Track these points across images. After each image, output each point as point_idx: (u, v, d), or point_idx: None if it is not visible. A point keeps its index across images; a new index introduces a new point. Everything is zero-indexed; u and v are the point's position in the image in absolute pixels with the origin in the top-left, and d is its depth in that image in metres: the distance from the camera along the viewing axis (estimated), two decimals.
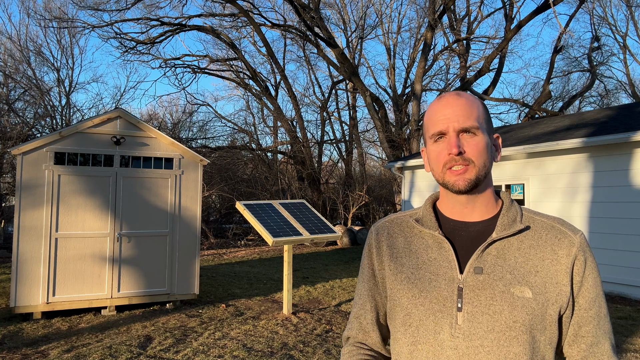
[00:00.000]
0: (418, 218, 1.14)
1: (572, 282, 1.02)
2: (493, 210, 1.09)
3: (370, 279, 1.18)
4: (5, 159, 15.88)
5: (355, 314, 1.22)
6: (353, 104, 22.94)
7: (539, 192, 8.62)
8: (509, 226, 1.05)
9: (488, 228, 1.07)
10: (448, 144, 1.03)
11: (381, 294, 1.17)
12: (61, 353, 4.62)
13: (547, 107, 21.31)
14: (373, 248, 1.18)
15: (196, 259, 6.87)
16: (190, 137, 22.94)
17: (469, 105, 1.05)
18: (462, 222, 1.09)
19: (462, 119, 1.03)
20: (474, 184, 1.03)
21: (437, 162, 1.06)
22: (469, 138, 1.03)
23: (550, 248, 1.03)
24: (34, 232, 5.95)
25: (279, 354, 4.65)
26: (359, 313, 1.20)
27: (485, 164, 1.04)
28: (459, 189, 1.03)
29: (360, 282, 1.22)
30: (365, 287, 1.20)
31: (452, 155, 1.02)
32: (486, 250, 1.03)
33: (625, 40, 23.65)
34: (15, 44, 19.42)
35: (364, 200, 17.70)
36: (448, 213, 1.11)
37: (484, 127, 1.06)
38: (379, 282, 1.17)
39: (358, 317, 1.20)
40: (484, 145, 1.04)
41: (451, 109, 1.04)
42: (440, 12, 15.21)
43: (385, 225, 1.20)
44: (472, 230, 1.07)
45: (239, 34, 21.72)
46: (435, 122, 1.06)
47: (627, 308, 6.55)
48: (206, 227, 15.97)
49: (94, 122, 6.37)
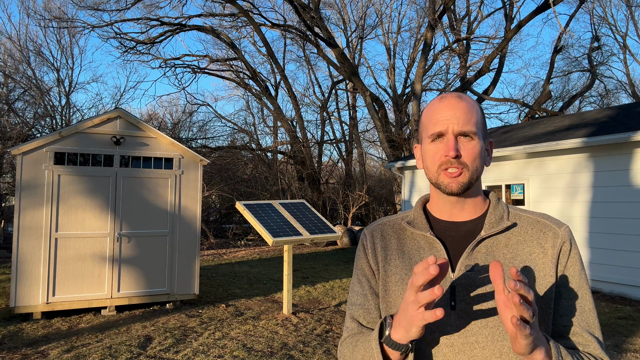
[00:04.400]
0: (409, 220, 1.17)
1: (557, 274, 1.04)
2: (481, 210, 1.12)
3: (365, 281, 1.17)
4: (5, 159, 15.88)
5: (352, 314, 1.16)
6: (353, 104, 22.95)
7: (539, 192, 8.61)
8: (496, 224, 1.08)
9: (477, 227, 1.10)
10: (446, 145, 1.05)
11: (377, 294, 1.17)
12: (61, 353, 4.62)
13: (547, 107, 21.31)
14: (368, 249, 1.19)
15: (196, 259, 6.87)
16: (190, 137, 22.94)
17: (469, 109, 1.07)
18: (451, 222, 1.12)
19: (462, 122, 1.05)
20: (466, 187, 1.06)
21: (433, 162, 1.08)
22: (466, 142, 1.05)
23: (536, 242, 1.06)
24: (34, 232, 5.95)
25: (279, 354, 4.65)
26: (357, 314, 1.15)
27: (478, 168, 1.07)
28: (452, 191, 1.06)
29: (357, 282, 1.19)
30: (365, 285, 1.17)
31: (448, 157, 1.04)
32: (476, 248, 1.06)
33: (625, 40, 23.67)
34: (15, 44, 19.43)
35: (364, 200, 17.70)
36: (438, 214, 1.14)
37: (481, 133, 1.08)
38: (376, 281, 1.17)
39: (356, 318, 1.15)
40: (479, 150, 1.06)
41: (452, 111, 1.06)
42: (440, 12, 15.21)
43: (378, 227, 1.21)
44: (461, 230, 1.10)
45: (239, 34, 21.73)
46: (436, 122, 1.07)
47: (627, 308, 6.55)
48: (206, 227, 15.96)
49: (94, 122, 6.37)
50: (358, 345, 1.05)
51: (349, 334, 1.14)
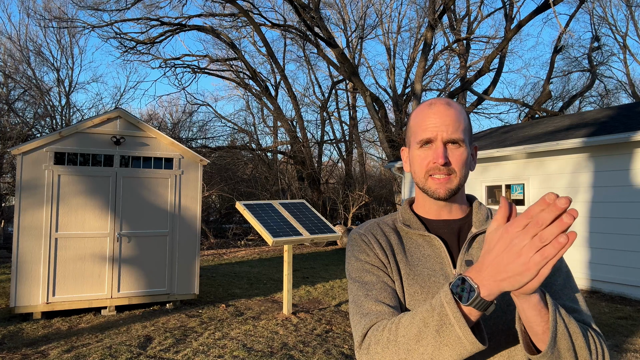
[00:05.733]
0: (402, 220, 1.19)
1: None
2: (465, 210, 1.18)
3: (384, 269, 1.09)
4: (5, 159, 15.87)
5: (362, 311, 1.03)
6: (353, 104, 22.95)
7: (539, 192, 8.61)
8: (484, 222, 1.14)
9: (466, 224, 1.15)
10: (435, 152, 1.08)
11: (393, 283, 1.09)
12: (61, 353, 4.62)
13: (547, 107, 21.30)
14: (374, 244, 1.12)
15: (196, 259, 6.87)
16: (190, 137, 22.93)
17: (457, 116, 1.10)
18: (442, 220, 1.16)
19: (450, 129, 1.07)
20: (454, 192, 1.09)
21: (421, 167, 1.11)
22: (455, 149, 1.08)
23: None
24: (34, 232, 5.95)
25: (279, 354, 4.65)
26: (371, 309, 1.02)
27: (465, 174, 1.11)
28: (439, 197, 1.09)
29: (368, 273, 1.09)
30: (381, 274, 1.08)
31: (437, 164, 1.07)
32: (471, 244, 1.11)
33: (625, 40, 23.67)
34: (15, 44, 19.43)
35: (364, 200, 17.70)
36: (425, 214, 1.18)
37: (467, 139, 1.11)
38: (388, 274, 1.10)
39: (369, 314, 1.01)
40: (466, 157, 1.10)
41: (441, 118, 1.08)
42: (440, 12, 15.21)
43: (368, 229, 1.18)
44: (453, 227, 1.15)
45: (239, 34, 21.72)
46: (425, 128, 1.09)
47: (627, 308, 6.55)
48: (206, 227, 15.96)
49: (94, 122, 6.37)
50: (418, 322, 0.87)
51: (381, 319, 0.98)
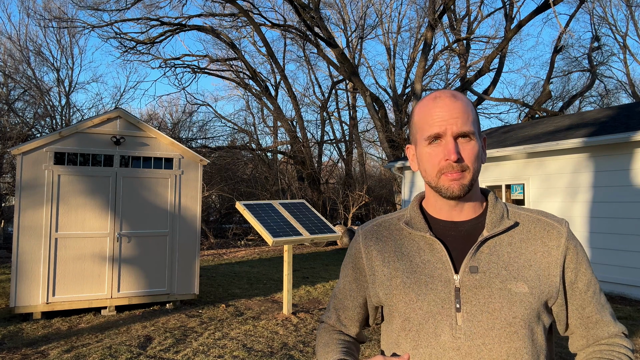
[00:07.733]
0: (407, 220, 1.13)
1: (564, 272, 1.05)
2: (480, 209, 1.10)
3: (353, 282, 1.20)
4: (5, 159, 15.87)
5: (334, 305, 1.26)
6: (353, 104, 22.94)
7: (539, 192, 8.61)
8: (498, 223, 1.06)
9: (477, 226, 1.07)
10: (445, 149, 1.01)
11: (364, 296, 1.19)
12: (61, 353, 4.62)
13: (547, 107, 21.31)
14: (362, 253, 1.16)
15: (196, 259, 6.87)
16: (190, 137, 22.91)
17: (465, 108, 1.03)
18: (451, 221, 1.09)
19: (460, 122, 1.01)
20: (468, 189, 1.03)
21: (431, 165, 1.04)
22: (465, 143, 1.02)
23: (540, 241, 1.05)
24: (34, 232, 5.95)
25: (279, 354, 4.65)
26: (338, 306, 1.24)
27: (478, 168, 1.04)
28: (454, 195, 1.02)
29: (343, 278, 1.24)
30: (347, 287, 1.22)
31: (449, 161, 1.00)
32: (479, 248, 1.03)
33: (625, 40, 23.66)
34: (15, 44, 19.41)
35: (364, 200, 17.70)
36: (436, 214, 1.11)
37: (477, 131, 1.05)
38: (364, 286, 1.18)
39: (337, 309, 1.25)
40: (477, 150, 1.03)
41: (448, 111, 1.02)
42: (440, 12, 15.21)
43: (373, 229, 1.18)
44: (461, 230, 1.07)
45: (239, 34, 21.73)
46: (432, 123, 1.03)
47: (627, 308, 6.55)
48: (206, 227, 15.96)
49: (94, 122, 6.37)
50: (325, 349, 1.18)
51: (327, 325, 1.27)
